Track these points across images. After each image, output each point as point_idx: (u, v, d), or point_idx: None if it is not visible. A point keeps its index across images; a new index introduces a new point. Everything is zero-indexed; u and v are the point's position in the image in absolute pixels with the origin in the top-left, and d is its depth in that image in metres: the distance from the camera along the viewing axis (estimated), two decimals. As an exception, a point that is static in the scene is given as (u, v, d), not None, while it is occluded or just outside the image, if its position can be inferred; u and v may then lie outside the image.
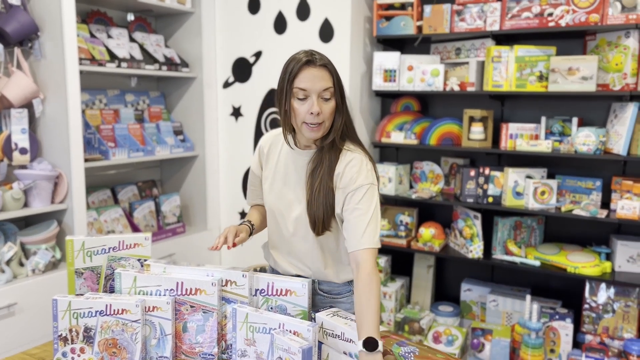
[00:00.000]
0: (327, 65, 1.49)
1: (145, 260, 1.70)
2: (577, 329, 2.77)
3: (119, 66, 2.82)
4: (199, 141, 3.32)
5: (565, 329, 2.69)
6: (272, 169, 1.66)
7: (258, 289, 1.55)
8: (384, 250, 3.22)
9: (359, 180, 1.51)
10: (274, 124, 3.17)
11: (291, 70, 1.46)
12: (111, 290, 1.66)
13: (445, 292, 3.26)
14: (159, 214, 3.18)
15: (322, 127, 1.50)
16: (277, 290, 1.54)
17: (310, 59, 1.46)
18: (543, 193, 2.70)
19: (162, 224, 3.17)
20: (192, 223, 3.43)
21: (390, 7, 3.01)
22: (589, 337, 2.67)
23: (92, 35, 2.85)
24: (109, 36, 2.94)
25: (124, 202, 3.12)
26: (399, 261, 3.28)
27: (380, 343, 1.31)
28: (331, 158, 1.54)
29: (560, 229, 2.92)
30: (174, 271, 1.58)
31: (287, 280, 1.54)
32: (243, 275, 1.52)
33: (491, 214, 2.93)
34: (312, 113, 1.45)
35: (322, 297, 1.66)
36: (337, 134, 1.53)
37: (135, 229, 3.01)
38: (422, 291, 3.20)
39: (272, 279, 1.55)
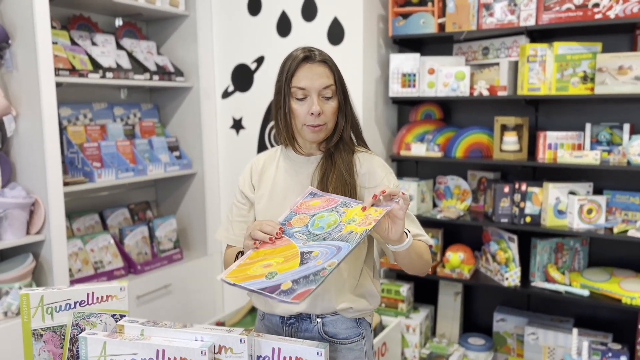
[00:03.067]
0: (327, 62, 1.37)
1: (121, 315, 1.37)
2: (631, 367, 2.41)
3: (103, 76, 2.50)
4: (196, 157, 3.00)
5: (619, 368, 2.33)
6: (269, 187, 1.43)
7: (261, 357, 1.21)
8: (405, 277, 2.88)
9: (392, 179, 1.40)
10: (279, 137, 2.83)
11: (288, 69, 1.35)
12: (78, 356, 1.33)
13: (475, 322, 2.91)
14: (153, 239, 2.85)
15: (324, 129, 1.37)
16: (284, 357, 1.20)
17: (309, 55, 1.35)
18: (590, 211, 2.34)
19: (156, 250, 2.84)
20: (191, 248, 3.09)
21: (407, 3, 2.68)
22: (647, 377, 2.31)
23: (74, 43, 2.53)
24: (94, 43, 2.62)
25: (113, 228, 2.80)
26: (422, 289, 2.93)
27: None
28: (345, 159, 1.39)
29: (608, 251, 2.56)
30: (154, 334, 1.24)
31: (298, 344, 1.20)
32: (241, 341, 1.19)
33: (527, 235, 2.58)
34: (312, 114, 1.33)
35: (325, 343, 1.35)
36: (345, 134, 1.41)
37: (126, 257, 2.68)
38: (449, 322, 2.84)
39: (279, 343, 1.21)
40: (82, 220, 2.69)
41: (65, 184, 2.33)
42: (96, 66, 2.50)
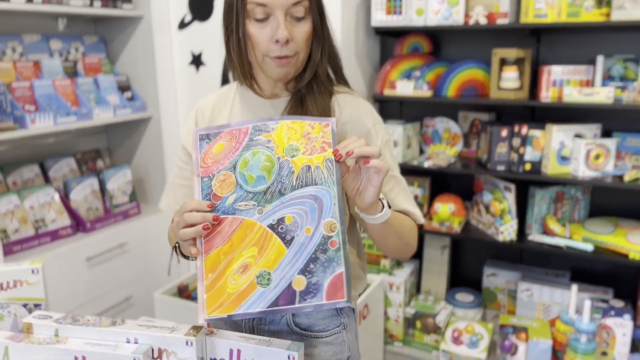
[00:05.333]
0: None
1: (36, 305, 1.07)
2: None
3: (30, 0, 2.08)
4: (151, 99, 2.62)
5: (622, 327, 2.13)
6: None
7: (215, 360, 0.93)
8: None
9: (381, 131, 1.08)
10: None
11: None
12: (-22, 359, 1.03)
13: (462, 277, 2.68)
14: (104, 193, 2.51)
15: (293, 62, 1.02)
16: (246, 362, 0.92)
17: None
18: (597, 157, 2.08)
19: (109, 205, 2.51)
20: (149, 201, 2.77)
21: None
22: (650, 336, 2.13)
23: (-8, -41, 2.09)
24: (18, -39, 2.18)
25: (57, 181, 2.45)
26: (406, 241, 2.68)
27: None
28: (321, 103, 1.05)
29: (611, 200, 2.32)
30: (72, 335, 0.94)
31: (264, 345, 0.91)
32: (187, 343, 0.89)
33: (524, 184, 2.31)
34: (277, 40, 0.98)
35: (297, 337, 1.08)
36: (320, 69, 1.07)
37: (73, 214, 2.35)
38: (435, 277, 2.62)
39: (238, 343, 0.92)
40: (19, 173, 2.33)
41: (-11, 131, 1.96)
42: (20, -12, 2.07)
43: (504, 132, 2.17)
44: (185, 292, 2.26)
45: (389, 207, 0.94)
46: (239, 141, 0.91)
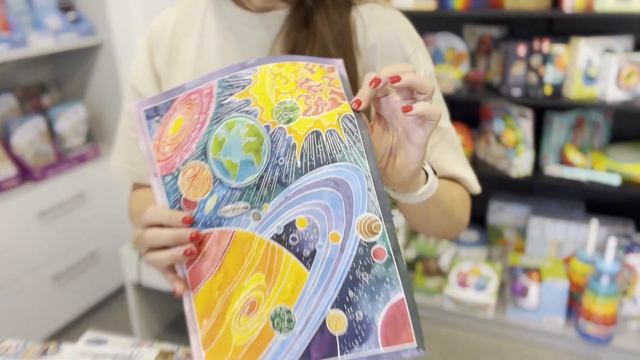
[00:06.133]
0: None
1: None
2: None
3: None
4: (100, 21, 2.20)
5: (645, 265, 1.94)
6: (188, 75, 0.75)
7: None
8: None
9: (423, 60, 0.75)
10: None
11: None
12: None
13: (464, 212, 2.45)
14: (54, 135, 2.15)
15: None
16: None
17: None
18: (629, 75, 1.79)
19: (60, 149, 2.16)
20: (109, 141, 2.41)
21: None
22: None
23: None
24: None
25: (-5, 123, 2.08)
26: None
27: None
28: (335, 19, 0.70)
29: (634, 123, 2.06)
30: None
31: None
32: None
33: (539, 110, 2.03)
34: None
35: None
36: None
37: (17, 162, 2.00)
38: (435, 214, 2.37)
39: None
40: (-55, 116, 1.95)
41: None
42: None
43: (522, 50, 1.85)
44: (158, 247, 1.98)
45: (434, 173, 0.64)
46: (203, 110, 0.58)
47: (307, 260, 0.54)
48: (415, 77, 0.53)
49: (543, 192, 2.30)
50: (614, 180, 1.86)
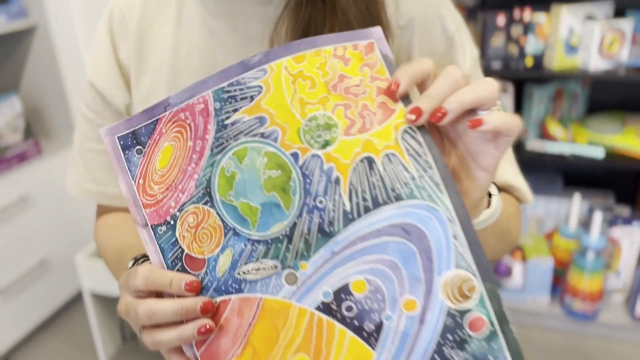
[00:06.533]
0: None
1: None
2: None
3: None
4: (32, 0, 1.95)
5: (629, 237, 1.90)
6: (165, 70, 0.57)
7: None
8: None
9: (467, 39, 0.59)
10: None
11: None
12: None
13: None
14: (-13, 133, 1.91)
15: None
16: None
17: None
18: (612, 43, 1.71)
19: (-4, 148, 1.92)
20: (52, 136, 2.18)
21: None
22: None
23: None
24: None
25: None
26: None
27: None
28: None
29: (611, 92, 2.00)
30: None
31: None
32: None
33: (519, 83, 1.93)
34: None
35: None
36: None
37: (-54, 167, 1.76)
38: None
39: None
40: None
41: None
42: None
43: (501, 20, 1.74)
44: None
45: (497, 192, 0.50)
46: (199, 134, 0.42)
47: (371, 337, 0.40)
48: (475, 92, 0.39)
49: (520, 167, 2.23)
50: (598, 153, 1.79)
